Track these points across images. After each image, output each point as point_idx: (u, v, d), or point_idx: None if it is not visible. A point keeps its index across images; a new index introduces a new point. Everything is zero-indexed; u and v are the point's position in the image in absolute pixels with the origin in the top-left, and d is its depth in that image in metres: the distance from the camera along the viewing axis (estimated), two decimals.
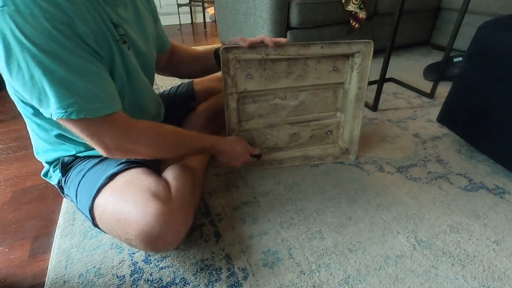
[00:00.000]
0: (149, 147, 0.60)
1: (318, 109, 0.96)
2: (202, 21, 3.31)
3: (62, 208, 0.83)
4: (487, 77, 0.89)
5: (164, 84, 1.67)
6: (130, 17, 0.63)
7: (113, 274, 0.65)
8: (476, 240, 0.71)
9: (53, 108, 0.47)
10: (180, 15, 3.23)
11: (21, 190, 0.91)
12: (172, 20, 3.39)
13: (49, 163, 0.71)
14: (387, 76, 1.35)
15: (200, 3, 3.19)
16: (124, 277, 0.64)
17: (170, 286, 0.62)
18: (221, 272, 0.65)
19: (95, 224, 0.64)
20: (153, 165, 0.70)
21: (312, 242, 0.71)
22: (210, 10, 3.48)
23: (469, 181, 0.90)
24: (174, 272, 0.65)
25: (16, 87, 0.49)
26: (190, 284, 0.63)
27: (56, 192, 0.87)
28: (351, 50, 0.84)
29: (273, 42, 0.77)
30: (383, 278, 0.63)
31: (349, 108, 0.94)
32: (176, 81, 1.62)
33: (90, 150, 0.66)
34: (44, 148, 0.68)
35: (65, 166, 0.68)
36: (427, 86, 1.50)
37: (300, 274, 0.64)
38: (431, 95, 1.42)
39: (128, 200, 0.57)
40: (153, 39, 0.74)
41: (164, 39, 0.83)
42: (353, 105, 0.93)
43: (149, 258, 0.68)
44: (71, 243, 0.72)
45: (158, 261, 0.68)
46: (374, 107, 1.31)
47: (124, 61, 0.60)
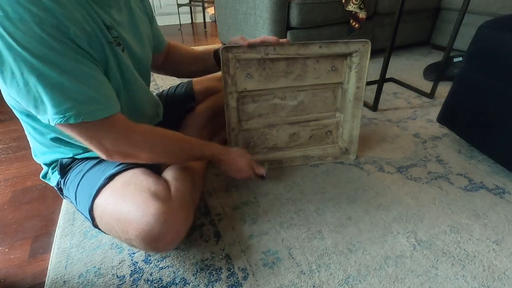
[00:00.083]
0: (149, 151, 0.60)
1: (318, 109, 0.96)
2: (202, 21, 3.31)
3: (62, 208, 0.83)
4: (487, 77, 0.89)
5: (164, 84, 1.67)
6: (124, 19, 0.63)
7: (113, 274, 0.65)
8: (476, 240, 0.71)
9: (50, 114, 0.47)
10: (180, 15, 3.23)
11: (21, 190, 0.91)
12: (172, 20, 3.39)
13: (48, 165, 0.70)
14: (387, 76, 1.35)
15: (200, 3, 3.19)
16: (124, 277, 0.64)
17: (170, 286, 0.62)
18: (221, 272, 0.65)
19: (95, 225, 0.64)
20: (153, 165, 0.70)
21: (312, 242, 0.71)
22: (210, 10, 3.48)
23: (469, 181, 0.90)
24: (174, 272, 0.65)
25: (11, 94, 0.48)
26: (190, 284, 0.63)
27: (56, 192, 0.87)
28: (349, 50, 0.85)
29: (275, 40, 0.79)
30: (383, 278, 0.63)
31: (348, 107, 0.94)
32: (176, 81, 1.62)
33: (88, 152, 0.66)
34: (41, 151, 0.67)
35: (64, 167, 0.68)
36: (427, 86, 1.50)
37: (300, 274, 0.64)
38: (431, 95, 1.42)
39: (127, 200, 0.57)
40: (148, 40, 0.73)
41: (160, 39, 0.83)
42: (352, 104, 0.93)
43: (149, 258, 0.68)
44: (71, 243, 0.72)
45: (158, 261, 0.68)
46: (374, 107, 1.31)
47: (118, 63, 0.59)
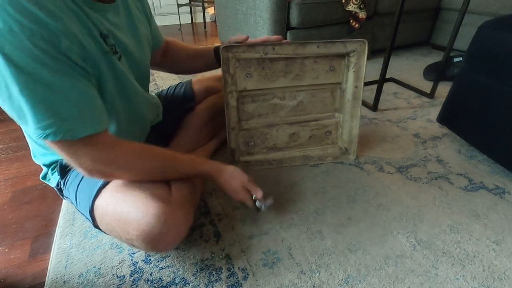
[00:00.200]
0: (130, 172, 0.58)
1: (317, 110, 0.97)
2: (202, 21, 3.31)
3: (62, 208, 0.83)
4: (487, 77, 0.89)
5: (164, 84, 1.66)
6: (122, 21, 0.62)
7: (113, 274, 0.65)
8: (476, 240, 0.71)
9: (31, 128, 0.46)
10: (180, 15, 3.23)
11: (21, 190, 0.91)
12: (172, 20, 3.39)
13: (47, 166, 0.70)
14: (387, 76, 1.35)
15: (200, 3, 3.19)
16: (124, 277, 0.64)
17: (170, 286, 0.62)
18: (221, 272, 0.65)
19: (95, 225, 0.63)
20: None
21: (312, 242, 0.71)
22: (210, 10, 3.48)
23: (469, 181, 0.90)
24: (174, 272, 0.65)
25: None
26: (190, 284, 0.63)
27: (56, 192, 0.87)
28: (346, 50, 0.86)
29: (278, 39, 0.82)
30: (383, 278, 0.63)
31: (346, 107, 0.94)
32: (175, 81, 1.62)
33: None
34: (40, 152, 0.67)
35: (64, 168, 0.67)
36: (427, 86, 1.50)
37: (300, 274, 0.64)
38: (431, 95, 1.42)
39: (128, 201, 0.57)
40: (147, 40, 0.73)
41: (158, 37, 0.83)
42: (350, 104, 0.93)
43: (149, 258, 0.68)
44: (71, 243, 0.72)
45: (158, 261, 0.68)
46: (374, 107, 1.31)
47: (114, 72, 0.58)
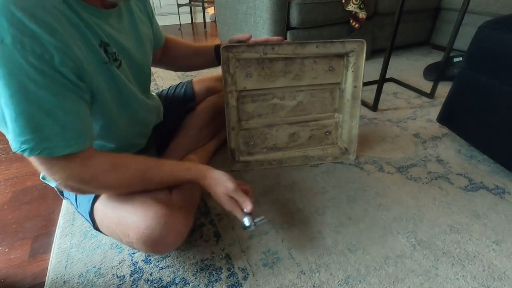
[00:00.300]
0: (105, 189, 0.57)
1: (316, 110, 0.97)
2: (202, 21, 3.31)
3: (62, 208, 0.83)
4: (487, 77, 0.89)
5: (164, 84, 1.66)
6: (124, 25, 0.61)
7: (113, 274, 0.65)
8: (476, 240, 0.71)
9: (9, 137, 0.45)
10: (180, 15, 3.23)
11: (21, 190, 0.91)
12: (172, 20, 3.39)
13: None
14: (387, 76, 1.35)
15: (200, 3, 3.19)
16: (124, 277, 0.64)
17: (170, 286, 0.62)
18: (221, 272, 0.65)
19: (96, 227, 0.63)
20: None
21: (312, 242, 0.71)
22: (210, 10, 3.48)
23: (469, 181, 0.90)
24: (174, 272, 0.65)
25: None
26: (190, 284, 0.63)
27: (56, 191, 0.87)
28: (345, 49, 0.87)
29: (279, 40, 0.83)
30: (383, 278, 0.63)
31: (346, 107, 0.95)
32: (175, 81, 1.62)
33: None
34: None
35: None
36: (427, 86, 1.50)
37: (300, 274, 0.64)
38: (431, 95, 1.42)
39: (127, 203, 0.57)
40: (149, 41, 0.72)
41: (159, 35, 0.83)
42: (350, 104, 0.93)
43: (149, 258, 0.68)
44: (71, 243, 0.72)
45: (158, 261, 0.68)
46: (374, 107, 1.31)
47: (113, 82, 0.57)
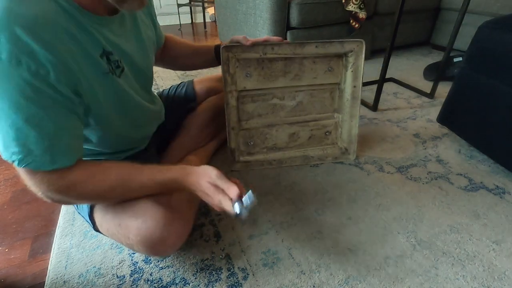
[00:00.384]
0: (84, 198, 0.55)
1: (316, 110, 0.97)
2: (202, 21, 3.31)
3: (62, 208, 0.83)
4: (487, 77, 0.89)
5: (164, 84, 1.66)
6: (127, 29, 0.60)
7: (113, 274, 0.65)
8: (476, 240, 0.71)
9: (0, 147, 0.45)
10: (180, 15, 3.23)
11: (21, 190, 0.91)
12: (172, 20, 3.39)
13: None
14: (387, 76, 1.35)
15: (200, 3, 3.19)
16: (124, 277, 0.64)
17: (170, 286, 0.62)
18: (221, 272, 0.65)
19: (96, 229, 0.63)
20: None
21: (312, 242, 0.71)
22: (210, 10, 3.48)
23: (469, 181, 0.90)
24: (174, 272, 0.65)
25: None
26: (190, 284, 0.63)
27: None
28: (344, 49, 0.87)
29: (279, 40, 0.83)
30: (383, 278, 0.63)
31: (345, 107, 0.95)
32: (176, 81, 1.61)
33: (88, 156, 0.65)
34: None
35: None
36: (427, 86, 1.50)
37: (300, 274, 0.64)
38: (431, 95, 1.42)
39: (127, 206, 0.57)
40: (152, 43, 0.72)
41: (161, 36, 0.83)
42: (349, 103, 0.94)
43: (149, 258, 0.68)
44: (71, 243, 0.72)
45: (158, 261, 0.68)
46: (374, 107, 1.31)
47: (114, 91, 0.56)
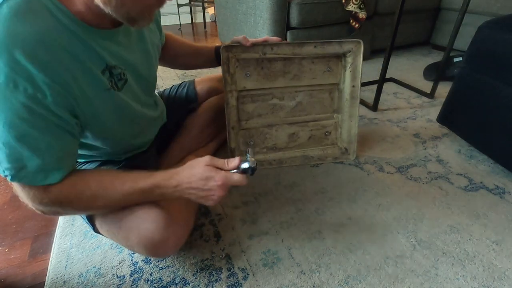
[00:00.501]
0: (70, 209, 0.54)
1: (316, 110, 0.97)
2: (202, 21, 3.31)
3: None
4: (487, 77, 0.89)
5: (164, 84, 1.66)
6: (132, 38, 0.59)
7: (113, 274, 0.65)
8: (476, 240, 0.71)
9: None
10: (180, 15, 3.23)
11: None
12: (172, 20, 3.38)
13: None
14: (387, 76, 1.34)
15: (200, 3, 3.19)
16: (124, 277, 0.64)
17: (170, 286, 0.63)
18: (221, 272, 0.65)
19: (96, 230, 0.63)
20: (153, 166, 0.69)
21: (312, 242, 0.71)
22: (210, 10, 3.48)
23: (469, 181, 0.90)
24: (174, 272, 0.65)
25: None
26: (190, 284, 0.63)
27: None
28: (342, 50, 0.88)
29: (278, 41, 0.83)
30: (383, 278, 0.63)
31: (345, 107, 0.95)
32: (176, 81, 1.61)
33: (87, 156, 0.65)
34: None
35: None
36: (427, 86, 1.50)
37: (300, 274, 0.64)
38: (431, 95, 1.42)
39: (127, 207, 0.57)
40: (156, 49, 0.70)
41: (163, 36, 0.83)
42: (348, 103, 0.94)
43: (149, 258, 0.68)
44: (71, 243, 0.72)
45: (158, 261, 0.68)
46: (374, 107, 1.31)
47: (115, 105, 0.56)
